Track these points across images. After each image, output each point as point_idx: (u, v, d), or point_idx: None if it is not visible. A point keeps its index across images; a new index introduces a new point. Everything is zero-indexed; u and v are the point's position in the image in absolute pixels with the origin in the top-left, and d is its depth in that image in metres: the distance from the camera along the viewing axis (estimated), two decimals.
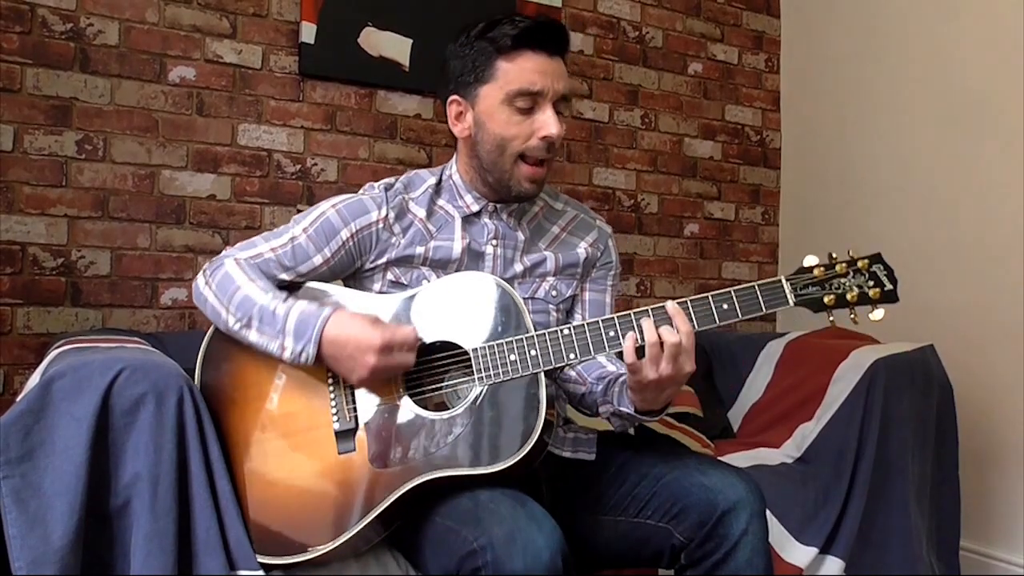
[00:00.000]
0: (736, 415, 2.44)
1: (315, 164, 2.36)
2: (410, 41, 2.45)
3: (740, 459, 2.02)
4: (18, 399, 1.16)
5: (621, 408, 1.34)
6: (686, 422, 2.28)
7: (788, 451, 2.13)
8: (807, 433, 2.12)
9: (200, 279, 1.36)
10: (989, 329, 2.38)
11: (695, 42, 3.02)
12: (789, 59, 3.18)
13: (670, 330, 1.21)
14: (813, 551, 1.89)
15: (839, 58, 2.94)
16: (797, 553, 1.88)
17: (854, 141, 2.87)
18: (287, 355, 1.25)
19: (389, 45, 2.43)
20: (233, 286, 1.30)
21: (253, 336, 1.27)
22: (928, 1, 2.61)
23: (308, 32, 2.32)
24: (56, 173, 2.04)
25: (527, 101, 1.31)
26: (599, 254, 1.51)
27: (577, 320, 1.50)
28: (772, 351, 2.42)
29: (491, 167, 1.36)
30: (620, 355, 1.27)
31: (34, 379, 1.27)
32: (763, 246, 3.16)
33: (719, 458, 1.74)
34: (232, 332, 1.30)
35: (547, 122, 1.31)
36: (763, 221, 3.17)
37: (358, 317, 1.26)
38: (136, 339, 1.65)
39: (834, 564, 1.90)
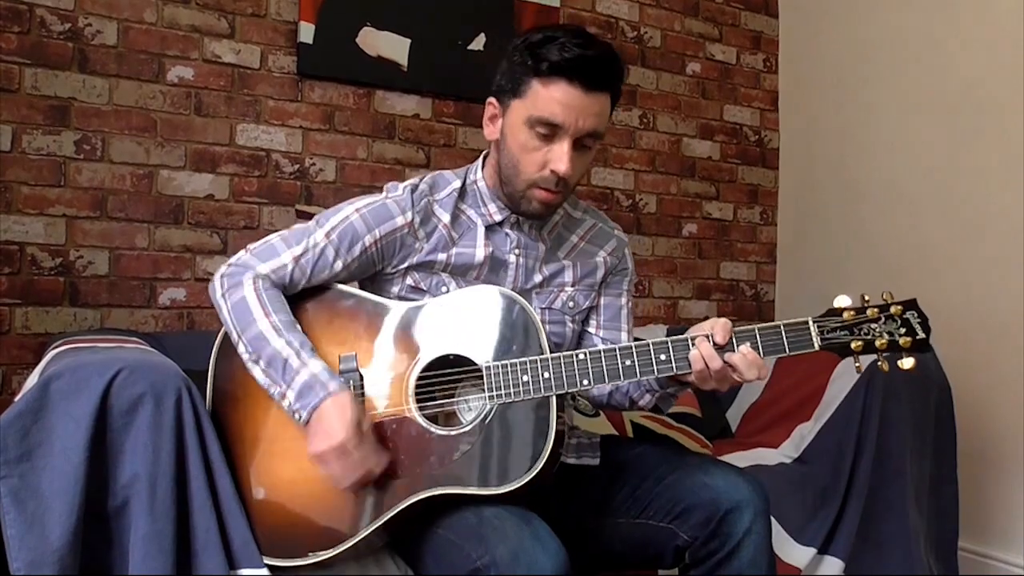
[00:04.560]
0: (734, 415, 2.45)
1: (313, 164, 2.36)
2: (408, 41, 2.45)
3: (738, 459, 2.02)
4: (16, 399, 1.16)
5: (668, 390, 1.36)
6: (685, 422, 2.28)
7: (786, 451, 2.13)
8: (805, 433, 2.12)
9: (217, 285, 1.31)
10: (988, 329, 2.38)
11: (693, 42, 3.02)
12: (787, 59, 3.19)
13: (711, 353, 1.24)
14: (811, 551, 1.89)
15: (837, 58, 2.94)
16: (796, 553, 1.88)
17: (852, 141, 2.87)
18: (284, 404, 1.23)
19: (387, 45, 2.43)
20: (249, 317, 1.26)
21: (258, 373, 1.25)
22: (926, 0, 2.62)
23: (306, 32, 2.31)
24: (54, 173, 2.04)
25: (547, 129, 1.27)
26: (616, 262, 1.51)
27: (592, 327, 1.49)
28: None
29: (507, 181, 1.35)
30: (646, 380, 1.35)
31: (32, 379, 1.27)
32: (761, 246, 3.17)
33: (720, 459, 1.74)
34: (240, 354, 1.28)
35: (560, 156, 1.27)
36: (761, 221, 3.17)
37: (351, 414, 1.19)
38: (134, 339, 1.65)
39: (833, 564, 1.91)
